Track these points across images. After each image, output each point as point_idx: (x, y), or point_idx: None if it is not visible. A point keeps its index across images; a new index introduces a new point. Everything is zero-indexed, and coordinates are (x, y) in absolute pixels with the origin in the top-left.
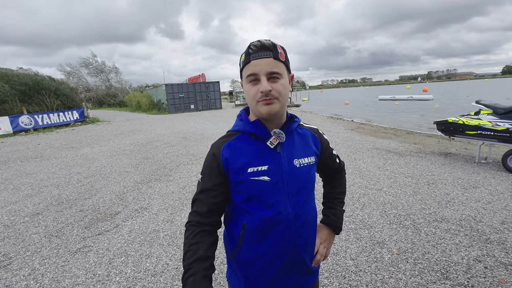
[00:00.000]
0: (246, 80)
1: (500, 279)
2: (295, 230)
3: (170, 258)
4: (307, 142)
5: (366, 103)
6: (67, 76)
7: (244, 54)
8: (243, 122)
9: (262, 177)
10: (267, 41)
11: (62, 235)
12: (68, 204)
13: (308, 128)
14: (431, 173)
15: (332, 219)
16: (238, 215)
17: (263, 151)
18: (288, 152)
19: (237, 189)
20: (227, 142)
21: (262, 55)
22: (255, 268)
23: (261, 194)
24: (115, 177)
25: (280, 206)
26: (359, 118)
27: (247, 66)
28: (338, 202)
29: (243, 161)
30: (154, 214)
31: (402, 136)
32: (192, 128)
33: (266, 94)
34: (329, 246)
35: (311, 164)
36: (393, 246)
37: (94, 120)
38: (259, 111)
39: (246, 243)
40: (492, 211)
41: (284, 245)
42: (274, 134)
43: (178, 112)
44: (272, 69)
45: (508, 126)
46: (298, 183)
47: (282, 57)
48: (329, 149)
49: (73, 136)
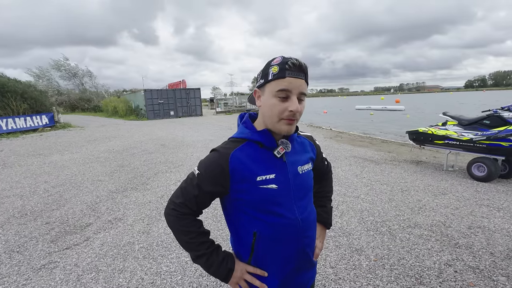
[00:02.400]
0: (274, 94)
1: (469, 282)
2: (303, 232)
3: (145, 272)
4: (306, 149)
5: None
6: (36, 79)
7: (278, 68)
8: (250, 131)
9: (271, 185)
10: (304, 63)
11: (24, 251)
12: (33, 216)
13: (304, 136)
14: (404, 180)
15: (323, 216)
16: (248, 223)
17: (270, 160)
18: (292, 160)
19: (245, 197)
20: (235, 149)
21: (298, 75)
22: (271, 271)
23: (270, 201)
24: (87, 186)
25: (288, 212)
26: (337, 127)
27: (280, 81)
28: (327, 200)
29: (251, 169)
30: (129, 225)
31: (377, 145)
32: (171, 135)
33: (293, 114)
34: (323, 241)
35: (310, 169)
36: (371, 253)
37: (65, 125)
38: (280, 129)
39: (259, 250)
40: (460, 216)
41: (295, 249)
42: (281, 143)
43: (157, 118)
44: (303, 91)
45: (471, 136)
46: (302, 188)
47: (307, 81)
48: (321, 154)
49: (41, 142)
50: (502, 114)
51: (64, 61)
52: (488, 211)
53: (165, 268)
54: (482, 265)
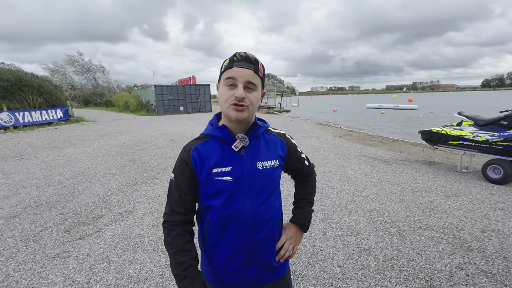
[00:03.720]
0: (224, 83)
1: (481, 286)
2: (252, 227)
3: (154, 264)
4: (272, 146)
5: (354, 110)
6: (51, 74)
7: (228, 60)
8: (212, 127)
9: (225, 177)
10: (252, 55)
11: (40, 239)
12: (48, 207)
13: (275, 134)
14: (415, 181)
15: (299, 217)
16: (204, 212)
17: (228, 154)
18: (251, 155)
19: (202, 187)
20: (197, 144)
21: (245, 65)
22: (219, 259)
23: (223, 192)
24: (99, 179)
25: (239, 204)
26: (347, 125)
27: (228, 71)
28: (306, 202)
29: (209, 162)
30: (139, 218)
31: (388, 144)
32: (181, 131)
33: (239, 100)
34: (296, 243)
35: (275, 167)
36: (379, 253)
37: (79, 119)
38: (229, 114)
39: (210, 236)
40: (473, 219)
41: (242, 240)
42: (238, 138)
43: (167, 113)
44: (250, 80)
45: (488, 137)
46: (259, 183)
47: (261, 73)
48: (296, 153)
49: (55, 135)
50: None
51: (78, 56)
52: (503, 214)
53: None
54: (495, 269)
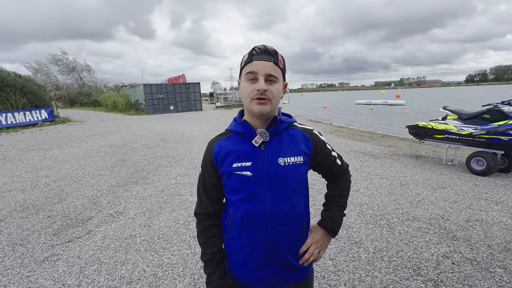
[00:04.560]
0: (245, 78)
1: (466, 274)
2: (273, 224)
3: (147, 264)
4: (296, 142)
5: (344, 107)
6: (34, 73)
7: (248, 54)
8: (235, 123)
9: (245, 172)
10: (270, 47)
11: (27, 243)
12: (35, 210)
13: (300, 129)
14: (403, 174)
15: (327, 221)
16: (228, 206)
17: (249, 149)
18: (272, 150)
19: (223, 181)
20: (220, 140)
21: (264, 58)
22: (240, 254)
23: (243, 187)
24: (88, 180)
25: (259, 200)
26: (337, 122)
27: (248, 65)
28: (336, 205)
29: (230, 157)
30: (131, 218)
31: (377, 139)
32: (171, 130)
33: (261, 93)
34: (322, 248)
35: (298, 163)
36: (370, 245)
37: (65, 120)
38: (252, 109)
39: (232, 230)
40: (458, 210)
41: (261, 237)
42: (259, 133)
43: (157, 113)
44: (271, 72)
45: (471, 130)
46: (280, 180)
47: (281, 64)
48: (325, 150)
49: (41, 137)
50: (502, 108)
51: (62, 55)
52: (487, 204)
53: (167, 260)
54: (479, 257)
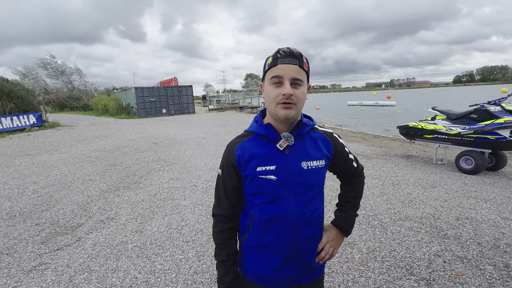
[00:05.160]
0: (270, 82)
1: (457, 272)
2: (297, 227)
3: (139, 271)
4: (318, 145)
5: (336, 108)
6: (22, 77)
7: (272, 57)
8: (257, 125)
9: (269, 176)
10: (295, 50)
11: (14, 253)
12: (22, 218)
13: (321, 132)
14: (395, 174)
15: (341, 221)
16: (248, 207)
17: (273, 152)
18: (296, 154)
19: (246, 184)
20: (242, 142)
21: (289, 61)
22: (260, 254)
23: (267, 191)
24: (78, 186)
25: (284, 203)
26: (330, 123)
27: (273, 69)
28: (351, 206)
29: (253, 160)
30: (122, 224)
31: (369, 140)
32: (163, 133)
33: (287, 97)
34: (336, 247)
35: (320, 167)
36: (363, 246)
37: (54, 124)
38: (277, 114)
39: (254, 231)
40: (448, 208)
41: (285, 239)
42: (283, 137)
43: (149, 116)
44: (296, 76)
45: (459, 130)
46: (304, 183)
47: (306, 67)
48: (343, 153)
49: (29, 142)
50: (488, 108)
51: (50, 59)
52: (476, 202)
53: (159, 266)
54: (469, 255)
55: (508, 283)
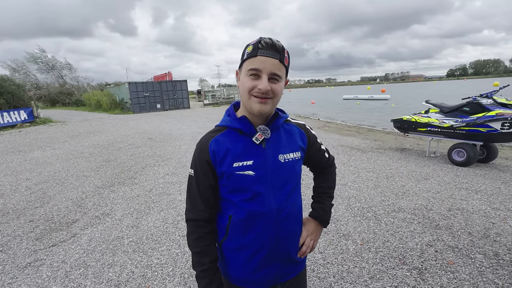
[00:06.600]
0: (247, 73)
1: (448, 261)
2: (278, 222)
3: (135, 266)
4: (293, 137)
5: (331, 102)
6: (12, 72)
7: (252, 47)
8: (230, 118)
9: (247, 172)
10: (278, 42)
11: (8, 250)
12: (15, 215)
13: (294, 124)
14: (389, 167)
15: (319, 212)
16: (225, 207)
17: (249, 147)
18: (273, 147)
19: (223, 182)
20: (215, 137)
21: (270, 54)
22: (242, 256)
23: (246, 187)
24: (72, 182)
25: (263, 199)
26: (325, 117)
27: (252, 60)
28: (326, 197)
29: (229, 156)
30: (118, 219)
31: (364, 134)
32: (158, 128)
33: (264, 92)
34: (316, 239)
35: (297, 159)
36: (357, 237)
37: (46, 120)
38: (251, 107)
39: (233, 232)
40: (441, 199)
41: (267, 236)
42: (260, 130)
43: (143, 111)
44: (276, 71)
45: (452, 123)
46: (282, 177)
47: (286, 62)
48: (316, 144)
49: (20, 138)
50: (480, 101)
51: (40, 53)
52: (467, 194)
53: (156, 260)
54: (461, 244)
55: (497, 271)
